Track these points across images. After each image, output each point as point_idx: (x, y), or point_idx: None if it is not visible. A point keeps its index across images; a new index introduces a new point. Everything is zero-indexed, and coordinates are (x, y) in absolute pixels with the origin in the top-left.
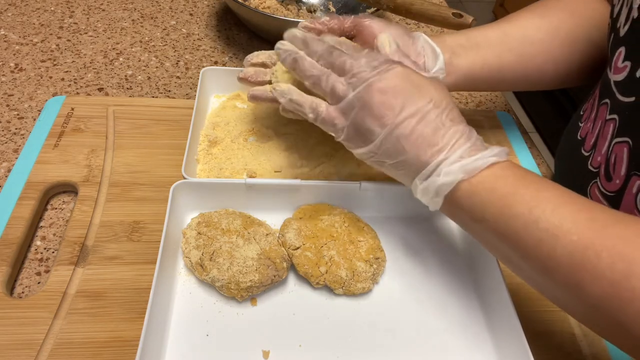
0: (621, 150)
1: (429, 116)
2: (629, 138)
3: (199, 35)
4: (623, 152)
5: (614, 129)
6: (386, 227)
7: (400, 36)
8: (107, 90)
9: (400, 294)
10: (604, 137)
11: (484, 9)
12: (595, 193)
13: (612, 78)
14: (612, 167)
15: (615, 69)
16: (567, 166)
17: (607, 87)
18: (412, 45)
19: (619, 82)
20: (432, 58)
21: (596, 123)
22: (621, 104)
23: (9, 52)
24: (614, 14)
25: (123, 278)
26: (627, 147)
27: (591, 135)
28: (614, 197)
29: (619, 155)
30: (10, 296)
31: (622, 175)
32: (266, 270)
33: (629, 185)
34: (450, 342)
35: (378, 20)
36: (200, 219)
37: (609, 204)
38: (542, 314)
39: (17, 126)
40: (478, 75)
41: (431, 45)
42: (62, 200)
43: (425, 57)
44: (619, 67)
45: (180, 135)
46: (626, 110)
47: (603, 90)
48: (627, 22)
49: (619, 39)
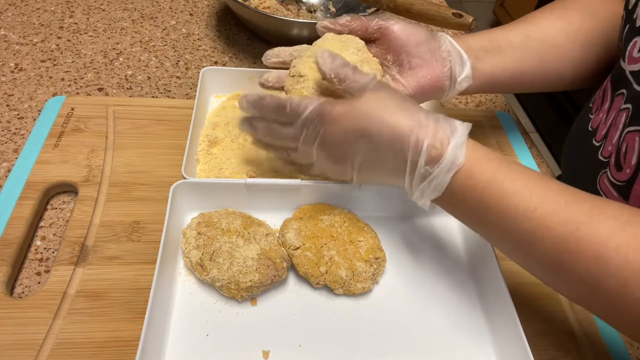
0: (633, 139)
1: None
2: None
3: (199, 35)
4: (635, 142)
5: (627, 118)
6: (386, 227)
7: (425, 41)
8: (107, 90)
9: (401, 293)
10: (615, 126)
11: (484, 9)
12: (604, 183)
13: (627, 68)
14: (622, 156)
15: (630, 59)
16: (576, 157)
17: (622, 77)
18: (437, 50)
19: (635, 72)
20: (460, 64)
21: (610, 113)
22: (637, 94)
23: (9, 52)
24: (629, 6)
25: (123, 278)
26: (639, 137)
27: (603, 125)
28: (624, 186)
29: (630, 145)
30: (10, 296)
31: (632, 164)
32: (266, 270)
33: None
34: (450, 342)
35: (402, 24)
36: (200, 219)
37: (618, 193)
38: (542, 314)
39: (17, 126)
40: (499, 80)
41: (458, 50)
42: (62, 200)
43: (451, 62)
44: (634, 57)
45: (180, 135)
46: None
47: (617, 81)
48: None
49: (635, 30)
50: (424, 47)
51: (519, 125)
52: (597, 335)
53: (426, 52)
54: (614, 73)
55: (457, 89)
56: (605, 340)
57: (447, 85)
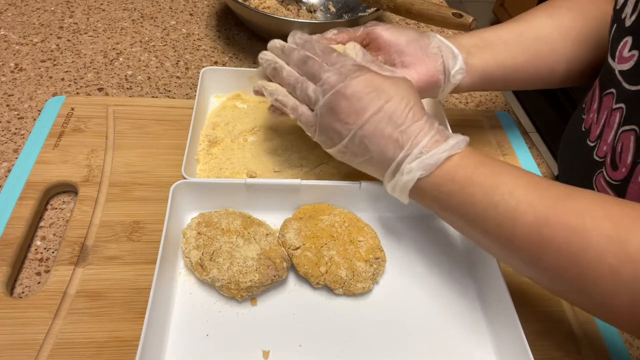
0: (627, 138)
1: (389, 116)
2: (636, 126)
3: (199, 35)
4: (629, 141)
5: (621, 118)
6: (386, 227)
7: (414, 40)
8: (107, 90)
9: (400, 294)
10: (610, 126)
11: (484, 9)
12: (600, 182)
13: (617, 68)
14: (618, 156)
15: (620, 59)
16: (572, 157)
17: (611, 77)
18: (428, 47)
19: (625, 72)
20: (452, 58)
21: (601, 113)
22: (628, 93)
23: (9, 52)
24: (617, 5)
25: (123, 278)
26: (634, 135)
27: (596, 125)
28: (620, 185)
29: (625, 144)
30: (10, 296)
31: (628, 163)
32: (266, 270)
33: (635, 174)
34: (450, 341)
35: (388, 28)
36: (200, 219)
37: (614, 193)
38: (542, 314)
39: (17, 126)
40: (493, 75)
41: (448, 45)
42: (62, 200)
43: (443, 57)
44: (624, 57)
45: (180, 135)
46: (633, 99)
47: (606, 81)
48: (634, 13)
49: (624, 29)
50: (414, 45)
51: (519, 125)
52: (597, 335)
53: (417, 49)
54: (603, 72)
55: (452, 83)
56: (605, 340)
57: (442, 79)
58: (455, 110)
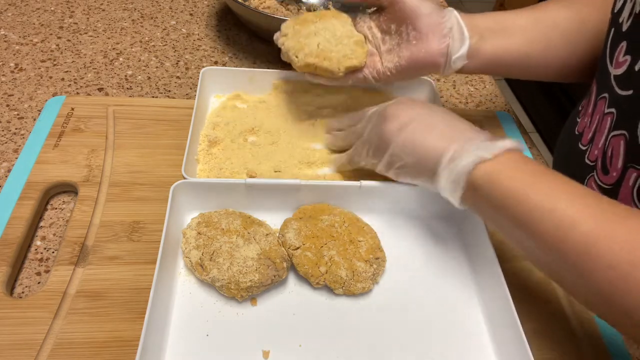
0: (618, 143)
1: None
2: (626, 131)
3: (199, 35)
4: (620, 145)
5: (612, 123)
6: (386, 227)
7: (429, 14)
8: (107, 90)
9: (400, 294)
10: (601, 131)
11: (484, 9)
12: (592, 186)
13: (612, 72)
14: (608, 160)
15: (616, 64)
16: (565, 160)
17: (606, 81)
18: (439, 26)
19: (617, 76)
20: (459, 42)
21: (594, 117)
22: (619, 98)
23: (9, 52)
24: (615, 9)
25: (123, 278)
26: (624, 140)
27: (588, 130)
28: (611, 189)
29: (615, 149)
30: (10, 296)
31: (618, 168)
32: (266, 270)
33: (626, 178)
34: (450, 341)
35: None
36: (200, 219)
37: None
38: (542, 314)
39: (17, 126)
40: (500, 62)
41: (461, 26)
42: (62, 200)
43: (451, 39)
44: (619, 62)
45: (180, 135)
46: (624, 104)
47: (600, 85)
48: (630, 17)
49: (620, 34)
50: (426, 20)
51: (519, 125)
52: (597, 335)
53: (428, 26)
54: (599, 76)
55: (452, 68)
56: (605, 340)
57: (441, 62)
58: (455, 110)
